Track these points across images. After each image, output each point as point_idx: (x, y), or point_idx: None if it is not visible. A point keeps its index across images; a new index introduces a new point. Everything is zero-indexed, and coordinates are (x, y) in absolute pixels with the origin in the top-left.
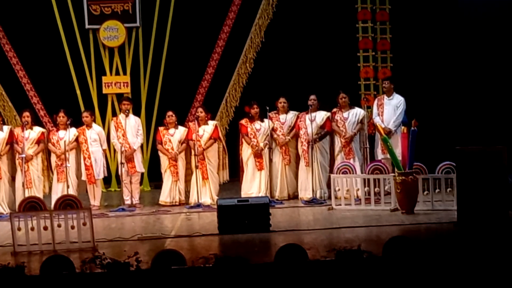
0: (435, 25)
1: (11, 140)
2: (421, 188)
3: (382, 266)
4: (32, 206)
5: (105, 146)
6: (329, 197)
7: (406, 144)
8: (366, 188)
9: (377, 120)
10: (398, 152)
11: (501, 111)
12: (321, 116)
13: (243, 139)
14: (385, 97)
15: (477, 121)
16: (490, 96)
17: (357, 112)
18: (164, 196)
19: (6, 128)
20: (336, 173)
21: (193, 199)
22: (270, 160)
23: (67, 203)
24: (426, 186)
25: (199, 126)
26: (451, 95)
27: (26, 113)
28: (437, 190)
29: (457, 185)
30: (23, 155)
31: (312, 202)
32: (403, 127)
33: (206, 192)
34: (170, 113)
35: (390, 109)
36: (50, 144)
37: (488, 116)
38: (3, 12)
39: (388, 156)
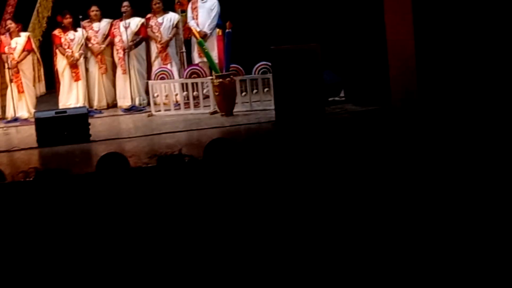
0: None
1: None
2: (239, 90)
3: (203, 168)
4: None
5: None
6: (148, 104)
7: (222, 47)
8: (185, 93)
9: (192, 23)
10: (215, 55)
11: (314, 8)
12: (135, 22)
13: (57, 50)
14: (199, 0)
15: (290, 19)
16: None
17: (172, 17)
18: None
19: None
20: (154, 79)
21: (9, 114)
22: (87, 70)
23: None
24: (244, 87)
25: (11, 38)
26: None
27: None
28: (254, 91)
29: (274, 85)
30: None
31: (131, 109)
32: (218, 30)
33: (22, 106)
34: None
35: (205, 12)
36: None
37: (302, 14)
38: None
39: (205, 59)
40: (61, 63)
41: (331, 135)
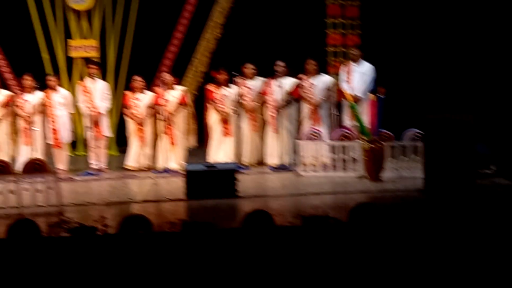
0: None
1: None
2: (388, 156)
3: (348, 232)
4: None
5: (71, 110)
6: (296, 164)
7: (373, 112)
8: (333, 155)
9: (345, 86)
10: (366, 119)
11: (469, 79)
12: (289, 82)
13: (210, 105)
14: (354, 64)
15: (444, 89)
16: (457, 65)
17: (325, 79)
18: (131, 161)
19: None
20: (304, 140)
21: (160, 164)
22: (238, 126)
23: (34, 167)
24: (393, 153)
25: (166, 91)
26: (418, 63)
27: None
28: (403, 158)
29: (424, 153)
30: None
31: (279, 168)
32: (371, 95)
33: (173, 158)
34: (137, 77)
35: (358, 77)
36: (16, 108)
37: (456, 84)
38: None
39: (356, 123)
40: (213, 118)
41: (482, 208)
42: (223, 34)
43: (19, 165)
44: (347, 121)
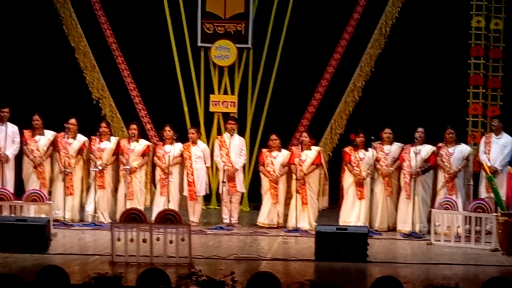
0: None
1: (117, 151)
2: None
3: None
4: (133, 217)
5: (208, 164)
6: (429, 232)
7: (511, 185)
8: (467, 226)
9: (483, 158)
10: (503, 192)
11: None
12: (426, 149)
13: (345, 167)
14: (493, 135)
15: None
16: None
17: (463, 149)
18: (263, 218)
19: (113, 139)
20: (438, 208)
21: (291, 223)
22: (372, 190)
23: (167, 218)
24: None
25: (302, 150)
26: None
27: (134, 126)
28: None
29: None
30: (128, 167)
31: (411, 235)
32: (509, 167)
33: (304, 217)
34: (274, 136)
35: (498, 148)
36: (155, 158)
37: None
38: (118, 26)
39: (492, 195)
40: (347, 180)
41: None
42: (363, 97)
43: (153, 215)
44: (484, 193)
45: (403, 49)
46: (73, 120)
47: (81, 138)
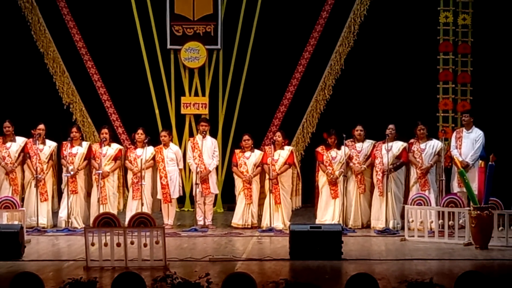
0: None
1: (89, 155)
2: (496, 224)
3: None
4: (106, 222)
5: (181, 166)
6: (402, 228)
7: (483, 179)
8: (440, 221)
9: (454, 153)
10: (475, 186)
11: None
12: (397, 146)
13: (319, 167)
14: (464, 130)
15: None
16: None
17: (435, 144)
18: (237, 219)
19: (85, 144)
20: (411, 204)
21: (265, 223)
22: (345, 188)
23: (141, 221)
24: (502, 221)
25: (275, 150)
26: None
27: (105, 130)
28: None
29: None
30: (100, 171)
31: (385, 232)
32: (480, 161)
33: (278, 217)
34: (246, 136)
35: (469, 143)
36: (127, 162)
37: None
38: (86, 30)
39: (464, 189)
40: (321, 180)
41: None
42: (333, 95)
43: (126, 219)
44: (456, 187)
45: (372, 47)
46: (41, 126)
47: (51, 144)
